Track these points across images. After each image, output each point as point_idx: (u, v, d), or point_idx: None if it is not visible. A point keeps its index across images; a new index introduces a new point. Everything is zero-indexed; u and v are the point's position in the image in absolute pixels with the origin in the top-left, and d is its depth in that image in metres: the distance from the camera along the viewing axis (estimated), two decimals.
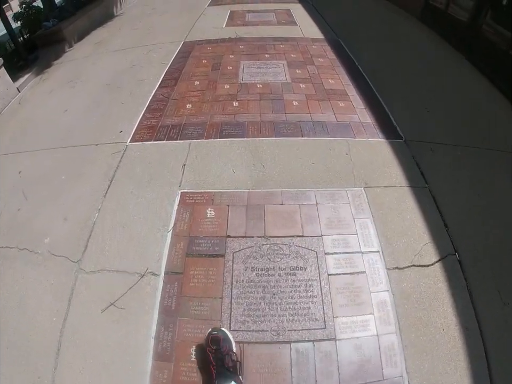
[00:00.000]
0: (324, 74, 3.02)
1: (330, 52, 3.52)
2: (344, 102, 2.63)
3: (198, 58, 3.40)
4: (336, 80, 2.93)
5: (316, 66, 3.15)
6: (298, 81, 2.88)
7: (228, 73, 3.04)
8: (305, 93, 2.72)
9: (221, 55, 3.42)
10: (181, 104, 2.64)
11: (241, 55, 3.41)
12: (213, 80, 2.94)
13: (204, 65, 3.23)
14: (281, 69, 3.07)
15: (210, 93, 2.76)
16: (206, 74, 3.05)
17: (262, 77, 2.94)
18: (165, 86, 2.94)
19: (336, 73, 3.06)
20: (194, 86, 2.89)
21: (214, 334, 1.17)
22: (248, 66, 3.14)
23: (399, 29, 4.32)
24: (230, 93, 2.73)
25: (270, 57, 3.33)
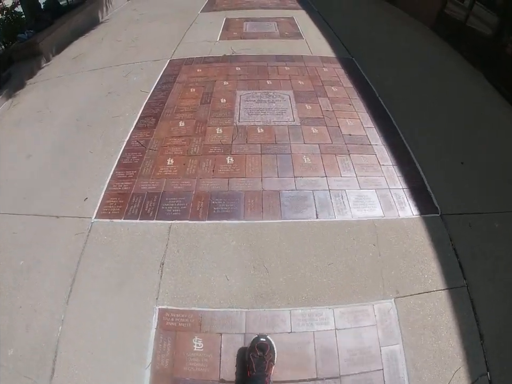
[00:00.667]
0: (339, 112, 2.42)
1: (344, 77, 2.91)
2: (367, 155, 2.04)
3: (185, 84, 2.78)
4: (355, 121, 2.34)
5: (330, 99, 2.55)
6: (309, 123, 2.27)
7: (220, 110, 2.43)
8: (318, 141, 2.13)
9: (213, 81, 2.80)
10: (161, 159, 2.03)
11: (237, 80, 2.79)
12: (201, 120, 2.33)
13: (192, 96, 2.61)
14: (287, 103, 2.46)
15: (197, 140, 2.15)
16: (194, 110, 2.44)
17: (263, 116, 2.33)
18: (143, 126, 2.32)
19: (354, 109, 2.46)
20: (179, 128, 2.28)
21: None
22: (247, 98, 2.53)
23: (414, 42, 3.72)
24: (222, 142, 2.13)
25: (272, 84, 2.72)
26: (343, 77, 2.91)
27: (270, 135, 2.17)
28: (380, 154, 2.08)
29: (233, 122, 2.28)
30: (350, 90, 2.70)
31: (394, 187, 1.86)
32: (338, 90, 2.67)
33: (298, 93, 2.60)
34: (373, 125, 2.32)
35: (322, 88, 2.69)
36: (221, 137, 2.17)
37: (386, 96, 2.64)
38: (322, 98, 2.54)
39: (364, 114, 2.41)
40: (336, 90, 2.67)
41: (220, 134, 2.20)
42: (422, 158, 2.05)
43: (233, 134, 2.19)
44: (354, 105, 2.51)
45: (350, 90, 2.70)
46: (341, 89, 2.70)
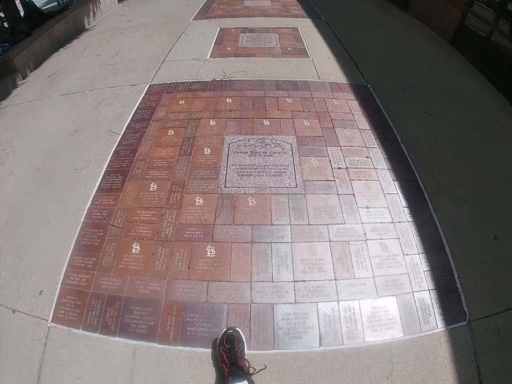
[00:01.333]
0: (355, 170, 1.83)
1: (359, 112, 2.34)
2: (388, 241, 1.52)
3: (164, 124, 2.21)
4: (374, 185, 1.76)
5: (342, 150, 1.97)
6: (316, 189, 1.72)
7: (203, 166, 1.87)
8: (328, 220, 1.57)
9: (197, 119, 2.24)
10: (125, 243, 1.52)
11: (227, 119, 2.23)
12: (178, 182, 1.78)
13: (169, 142, 2.04)
14: (288, 157, 1.89)
15: (171, 216, 1.61)
16: (170, 166, 1.88)
17: (257, 179, 1.77)
18: (107, 188, 1.79)
19: (372, 164, 1.88)
20: (149, 193, 1.74)
21: (229, 333, 1.15)
22: (237, 148, 1.96)
23: (436, 61, 3.13)
24: (202, 220, 1.58)
25: (270, 126, 2.15)
26: (357, 112, 2.35)
27: (264, 211, 1.63)
28: (404, 237, 1.54)
29: (217, 188, 1.74)
30: (367, 135, 2.14)
31: (419, 289, 1.38)
32: (352, 135, 2.12)
33: (303, 140, 2.04)
34: (396, 189, 1.78)
35: (333, 131, 2.13)
36: (201, 213, 1.63)
37: (411, 146, 2.08)
38: (333, 149, 1.99)
39: (384, 173, 1.86)
40: (350, 135, 2.11)
41: (199, 206, 1.66)
42: (453, 239, 1.54)
43: (217, 207, 1.65)
44: (373, 158, 1.96)
45: (366, 135, 2.14)
46: (356, 133, 2.14)
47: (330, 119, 2.24)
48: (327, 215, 1.63)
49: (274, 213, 1.62)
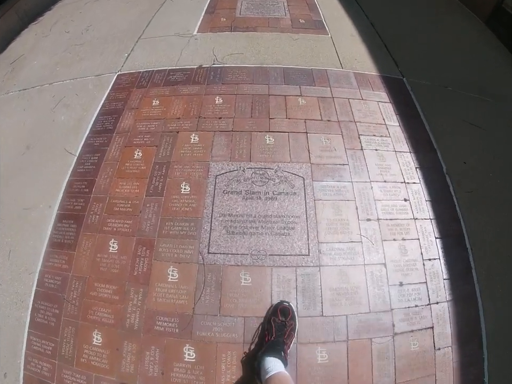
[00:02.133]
0: (389, 224, 1.28)
1: (396, 126, 1.66)
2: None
3: (130, 139, 1.58)
4: (411, 246, 1.25)
5: (374, 192, 1.39)
6: (335, 258, 1.19)
7: (179, 215, 1.29)
8: (349, 310, 1.10)
9: (174, 132, 1.58)
10: (83, 329, 1.13)
11: (215, 133, 1.57)
12: (145, 242, 1.24)
13: (135, 172, 1.45)
14: (299, 202, 1.29)
15: (136, 296, 1.14)
16: (134, 213, 1.32)
17: (254, 240, 1.22)
18: (59, 243, 1.32)
19: (412, 213, 1.32)
20: (108, 257, 1.24)
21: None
22: (227, 184, 1.36)
23: (482, 51, 2.35)
24: (177, 305, 1.10)
25: (275, 146, 1.49)
26: (392, 123, 1.70)
27: (263, 295, 1.11)
28: (440, 326, 1.08)
29: (198, 254, 1.19)
30: (405, 161, 1.52)
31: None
32: (387, 163, 1.49)
33: (320, 170, 1.42)
34: (438, 251, 1.27)
35: (361, 155, 1.50)
36: (176, 294, 1.13)
37: (458, 178, 1.49)
38: (362, 186, 1.39)
39: (426, 226, 1.31)
40: (384, 163, 1.50)
41: (173, 282, 1.15)
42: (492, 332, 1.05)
43: (197, 286, 1.13)
44: (413, 201, 1.37)
45: (405, 161, 1.52)
46: (391, 159, 1.52)
47: (358, 135, 1.61)
48: (348, 299, 1.14)
49: (276, 297, 1.13)
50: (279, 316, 1.03)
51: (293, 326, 1.03)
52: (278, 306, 1.06)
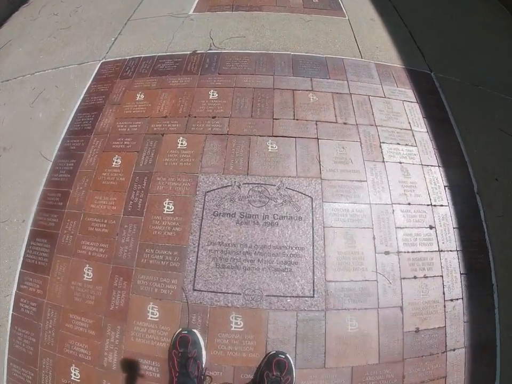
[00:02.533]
0: (412, 273, 1.08)
1: (423, 132, 1.37)
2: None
3: (109, 142, 1.34)
4: (435, 313, 1.03)
5: (396, 218, 1.15)
6: (348, 310, 0.98)
7: (160, 240, 1.08)
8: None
9: (159, 134, 1.32)
10: (61, 362, 1.03)
11: (207, 137, 1.31)
12: (122, 271, 1.05)
13: (113, 184, 1.23)
14: (305, 229, 1.06)
15: (114, 332, 1.00)
16: (110, 235, 1.12)
17: (248, 276, 1.00)
18: (33, 265, 1.16)
19: (439, 260, 1.09)
20: (82, 286, 1.08)
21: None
22: (218, 204, 1.12)
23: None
24: (158, 348, 0.94)
25: (278, 155, 1.24)
26: (419, 129, 1.41)
27: (257, 342, 0.93)
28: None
29: (181, 291, 1.00)
30: (433, 178, 1.26)
31: None
32: (413, 180, 1.25)
33: (333, 188, 1.17)
34: (462, 291, 1.07)
35: (383, 170, 1.24)
36: (157, 335, 0.96)
37: (489, 199, 1.24)
38: (381, 210, 1.14)
39: (451, 260, 1.10)
40: (409, 180, 1.26)
41: (153, 321, 0.97)
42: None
43: (181, 328, 0.97)
44: (439, 228, 1.15)
45: (432, 178, 1.26)
46: (418, 175, 1.26)
47: (379, 143, 1.34)
48: (357, 351, 0.95)
49: (271, 346, 0.95)
50: (273, 370, 0.88)
51: (289, 381, 0.90)
52: (273, 360, 0.90)
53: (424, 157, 1.34)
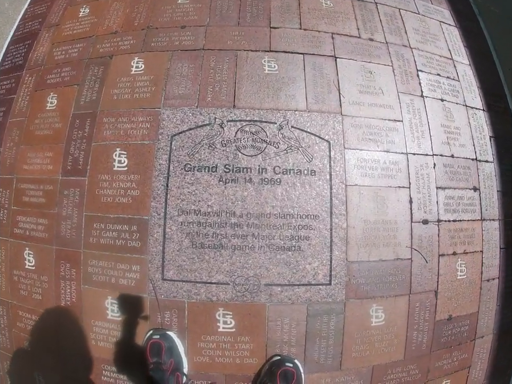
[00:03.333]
0: (451, 248, 0.82)
1: (466, 64, 1.04)
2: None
3: (42, 78, 0.89)
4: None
5: (437, 175, 0.83)
6: (374, 299, 0.72)
7: (111, 211, 0.71)
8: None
9: (105, 57, 0.83)
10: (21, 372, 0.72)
11: (172, 54, 0.82)
12: (67, 256, 0.75)
13: (47, 133, 0.82)
14: (321, 190, 0.71)
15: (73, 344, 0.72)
16: (48, 206, 0.77)
17: (238, 258, 0.68)
18: None
19: (480, 231, 0.85)
20: (26, 275, 0.80)
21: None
22: (190, 153, 0.70)
23: None
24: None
25: (279, 78, 0.80)
26: (459, 55, 1.04)
27: (252, 351, 0.66)
28: None
29: (147, 281, 0.66)
30: (478, 123, 0.95)
31: None
32: (456, 126, 0.92)
33: (358, 127, 0.79)
34: (500, 269, 0.88)
35: (421, 105, 0.87)
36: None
37: None
38: (420, 162, 0.84)
39: (493, 231, 0.88)
40: (448, 126, 0.92)
41: (116, 322, 0.70)
42: None
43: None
44: (483, 191, 0.89)
45: (477, 123, 0.95)
46: (460, 116, 0.93)
47: (416, 71, 0.96)
48: (381, 348, 0.73)
49: (272, 350, 0.68)
50: (278, 382, 0.65)
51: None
52: (278, 370, 0.66)
53: (468, 96, 1.01)
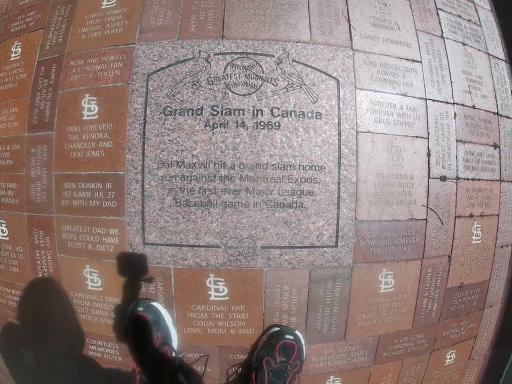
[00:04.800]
0: (468, 209, 0.73)
1: (486, 7, 0.88)
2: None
3: (7, 24, 0.70)
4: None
5: (457, 125, 0.72)
6: (384, 263, 0.63)
7: (83, 164, 0.60)
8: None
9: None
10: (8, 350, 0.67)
11: None
12: (39, 223, 0.64)
13: (12, 87, 0.67)
14: (328, 137, 0.58)
15: (57, 317, 0.68)
16: (16, 167, 0.66)
17: (231, 217, 0.57)
18: None
19: (498, 192, 0.78)
20: (1, 247, 0.67)
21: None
22: (172, 94, 0.56)
23: None
24: (109, 327, 0.63)
25: (277, 3, 0.63)
26: (482, 1, 0.93)
27: (247, 320, 0.58)
28: None
29: (126, 245, 0.56)
30: (500, 74, 0.82)
31: None
32: (474, 68, 0.82)
33: (372, 65, 0.64)
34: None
35: (441, 46, 0.73)
36: (104, 311, 0.65)
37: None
38: (440, 109, 0.72)
39: (510, 195, 0.80)
40: (470, 73, 0.80)
41: (96, 292, 0.64)
42: None
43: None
44: (503, 149, 0.80)
45: (499, 74, 0.83)
46: (482, 64, 0.80)
47: (436, 8, 0.81)
48: (389, 316, 0.66)
49: (270, 319, 0.60)
50: (277, 357, 0.57)
51: (298, 368, 0.59)
52: (277, 343, 0.58)
53: (491, 44, 0.88)
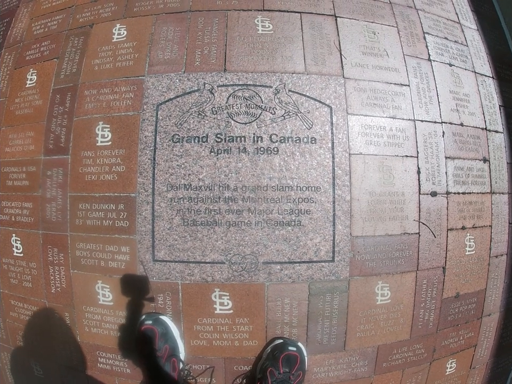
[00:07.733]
0: (460, 222, 0.75)
1: (472, 27, 0.89)
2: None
3: (22, 52, 0.82)
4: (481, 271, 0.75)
5: (446, 148, 0.76)
6: (380, 275, 0.65)
7: (96, 189, 0.64)
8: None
9: (87, 23, 0.74)
10: (16, 360, 0.70)
11: (156, 18, 0.69)
12: (54, 240, 0.71)
13: (27, 112, 0.75)
14: (322, 160, 0.61)
15: (67, 332, 0.72)
16: (32, 189, 0.72)
17: (234, 235, 0.61)
18: None
19: (489, 204, 0.77)
20: (15, 263, 0.75)
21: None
22: (180, 123, 0.61)
23: None
24: (120, 339, 0.64)
25: (274, 38, 0.68)
26: (467, 19, 0.90)
27: (251, 333, 0.60)
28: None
29: (136, 262, 0.59)
30: (487, 91, 0.84)
31: None
32: (461, 87, 0.84)
33: (362, 91, 0.68)
34: (509, 244, 0.80)
35: (429, 69, 0.76)
36: (115, 324, 0.70)
37: None
38: (428, 129, 0.76)
39: (502, 206, 0.81)
40: (457, 92, 0.83)
41: (107, 307, 0.68)
42: None
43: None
44: (493, 162, 0.82)
45: (486, 91, 0.84)
46: (469, 82, 0.81)
47: (423, 33, 0.84)
48: (387, 327, 0.66)
49: (273, 331, 0.62)
50: (280, 367, 0.59)
51: (301, 378, 0.62)
52: (281, 355, 0.59)
53: (477, 62, 0.91)
